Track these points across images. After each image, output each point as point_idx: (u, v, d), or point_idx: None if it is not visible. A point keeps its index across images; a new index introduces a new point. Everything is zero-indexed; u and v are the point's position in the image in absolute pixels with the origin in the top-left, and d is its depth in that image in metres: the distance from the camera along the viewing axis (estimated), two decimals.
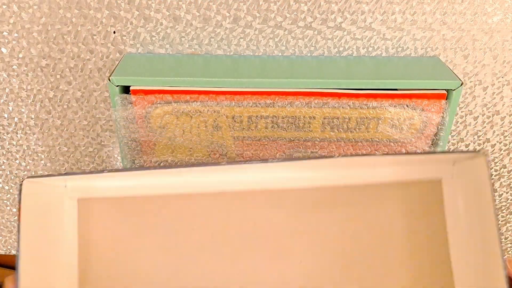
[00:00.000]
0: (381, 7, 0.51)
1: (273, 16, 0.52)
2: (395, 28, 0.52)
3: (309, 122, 0.50)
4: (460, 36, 0.53)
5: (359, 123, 0.50)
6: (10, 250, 0.77)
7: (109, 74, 0.51)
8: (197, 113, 0.49)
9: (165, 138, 0.51)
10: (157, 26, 0.52)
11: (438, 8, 0.51)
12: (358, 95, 0.48)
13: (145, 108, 0.49)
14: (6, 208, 0.71)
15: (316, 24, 0.52)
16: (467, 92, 0.57)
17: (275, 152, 0.52)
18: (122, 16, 0.52)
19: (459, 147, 0.62)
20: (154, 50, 0.54)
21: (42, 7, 0.51)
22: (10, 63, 0.55)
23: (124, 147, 0.51)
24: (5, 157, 0.64)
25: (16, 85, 0.57)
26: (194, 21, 0.52)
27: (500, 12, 0.51)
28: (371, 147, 0.52)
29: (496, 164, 0.64)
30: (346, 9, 0.51)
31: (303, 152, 0.52)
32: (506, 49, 0.54)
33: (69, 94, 0.58)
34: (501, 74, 0.56)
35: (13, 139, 0.63)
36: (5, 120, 0.61)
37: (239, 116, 0.49)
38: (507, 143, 0.62)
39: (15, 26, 0.52)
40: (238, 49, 0.54)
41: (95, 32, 0.53)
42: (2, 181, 0.67)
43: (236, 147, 0.52)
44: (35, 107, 0.59)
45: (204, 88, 0.48)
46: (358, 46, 0.54)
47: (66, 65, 0.55)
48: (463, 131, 0.61)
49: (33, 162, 0.65)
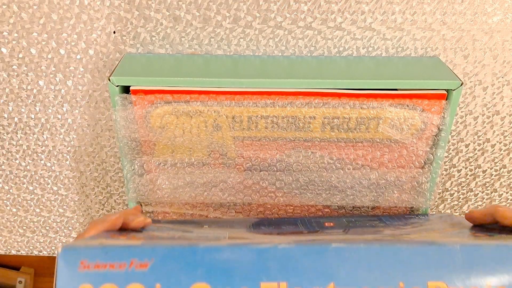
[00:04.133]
0: (381, 7, 0.51)
1: (273, 16, 0.51)
2: (395, 28, 0.52)
3: (309, 122, 0.50)
4: (460, 36, 0.53)
5: (359, 123, 0.50)
6: (10, 250, 0.77)
7: (109, 74, 0.51)
8: (197, 113, 0.49)
9: (165, 138, 0.51)
10: (157, 26, 0.52)
11: (438, 8, 0.51)
12: (358, 95, 0.48)
13: (145, 108, 0.49)
14: (6, 208, 0.71)
15: (316, 24, 0.52)
16: (467, 92, 0.57)
17: (275, 152, 0.52)
18: (122, 16, 0.52)
19: (459, 147, 0.62)
20: (154, 50, 0.54)
21: (42, 7, 0.51)
22: (10, 63, 0.55)
23: (124, 147, 0.51)
24: (5, 157, 0.64)
25: (16, 85, 0.57)
26: (194, 21, 0.52)
27: (500, 12, 0.51)
28: (372, 147, 0.51)
29: (496, 164, 0.64)
30: (346, 9, 0.51)
31: (303, 152, 0.52)
32: (506, 49, 0.54)
33: (69, 94, 0.58)
34: (501, 74, 0.56)
35: (13, 139, 0.63)
36: (5, 120, 0.61)
37: (239, 116, 0.49)
38: (507, 143, 0.62)
39: (15, 26, 0.52)
40: (238, 49, 0.54)
41: (95, 32, 0.53)
42: (2, 181, 0.67)
43: (236, 147, 0.52)
44: (35, 107, 0.59)
45: (204, 88, 0.48)
46: (358, 46, 0.54)
47: (66, 65, 0.55)
48: (463, 131, 0.61)
49: (33, 162, 0.65)
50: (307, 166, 0.53)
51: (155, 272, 0.36)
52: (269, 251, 0.36)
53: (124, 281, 0.35)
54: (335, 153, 0.52)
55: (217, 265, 0.36)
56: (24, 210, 0.71)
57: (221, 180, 0.54)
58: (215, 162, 0.53)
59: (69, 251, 0.36)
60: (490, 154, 0.63)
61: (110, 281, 0.35)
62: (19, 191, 0.69)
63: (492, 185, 0.67)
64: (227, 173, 0.53)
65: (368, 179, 0.53)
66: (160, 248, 0.36)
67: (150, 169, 0.53)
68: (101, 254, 0.36)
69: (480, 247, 0.37)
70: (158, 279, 0.35)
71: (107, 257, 0.35)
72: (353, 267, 0.36)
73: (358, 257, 0.36)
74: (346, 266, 0.36)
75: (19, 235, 0.75)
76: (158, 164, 0.53)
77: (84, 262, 0.35)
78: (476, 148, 0.63)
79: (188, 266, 0.36)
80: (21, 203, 0.70)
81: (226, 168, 0.54)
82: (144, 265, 0.36)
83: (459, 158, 0.64)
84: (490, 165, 0.65)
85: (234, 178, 0.53)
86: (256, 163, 0.53)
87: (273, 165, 0.53)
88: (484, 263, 0.36)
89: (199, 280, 0.35)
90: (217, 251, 0.36)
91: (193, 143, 0.51)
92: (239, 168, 0.53)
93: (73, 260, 0.35)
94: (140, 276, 0.35)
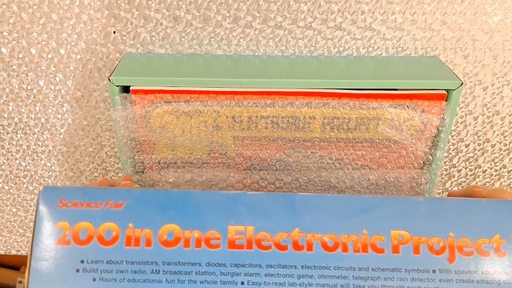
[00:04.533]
0: (381, 7, 0.51)
1: (273, 16, 0.51)
2: (395, 28, 0.52)
3: (309, 122, 0.50)
4: (460, 36, 0.53)
5: (359, 123, 0.50)
6: (10, 250, 0.77)
7: (109, 74, 0.51)
8: (197, 113, 0.49)
9: (165, 137, 0.51)
10: (157, 26, 0.52)
11: (438, 8, 0.51)
12: (358, 95, 0.48)
13: (145, 107, 0.49)
14: (6, 208, 0.71)
15: (316, 24, 0.52)
16: (467, 92, 0.57)
17: (274, 152, 0.52)
18: (122, 16, 0.52)
19: (459, 147, 0.62)
20: (154, 50, 0.54)
21: (42, 7, 0.51)
22: (10, 63, 0.55)
23: (124, 147, 0.51)
24: (5, 157, 0.64)
25: (16, 85, 0.57)
26: (194, 21, 0.52)
27: (500, 12, 0.51)
28: (371, 147, 0.51)
29: (496, 164, 0.64)
30: (346, 9, 0.51)
31: (303, 152, 0.52)
32: (506, 49, 0.54)
33: (69, 94, 0.58)
34: (501, 74, 0.56)
35: (13, 139, 0.63)
36: (5, 120, 0.61)
37: (239, 116, 0.49)
38: (507, 143, 0.62)
39: (15, 26, 0.52)
40: (238, 49, 0.54)
41: (95, 32, 0.53)
42: (2, 181, 0.67)
43: (236, 147, 0.52)
44: (35, 107, 0.59)
45: (204, 88, 0.48)
46: (358, 46, 0.54)
47: (66, 65, 0.55)
48: (463, 131, 0.61)
49: (33, 162, 0.65)
50: (307, 166, 0.53)
51: (129, 212, 0.37)
52: (238, 197, 0.38)
53: (99, 219, 0.37)
54: (335, 153, 0.52)
55: (188, 208, 0.37)
56: (24, 210, 0.71)
57: (220, 179, 0.54)
58: (214, 162, 0.53)
59: (49, 190, 0.38)
60: (490, 154, 0.63)
61: (86, 219, 0.37)
62: (19, 191, 0.69)
63: (492, 185, 0.67)
64: (226, 172, 0.53)
65: (367, 180, 0.53)
66: (135, 191, 0.38)
67: (150, 168, 0.53)
68: (79, 194, 0.37)
69: (443, 201, 0.38)
70: (131, 219, 0.37)
71: (85, 197, 0.37)
72: (318, 215, 0.37)
73: (323, 205, 0.38)
74: (312, 213, 0.37)
75: (19, 235, 0.75)
76: (158, 163, 0.53)
77: (63, 200, 0.37)
78: (476, 148, 0.63)
79: (160, 208, 0.37)
80: (21, 203, 0.70)
81: (225, 167, 0.54)
82: (119, 205, 0.37)
83: (459, 158, 0.64)
84: (490, 165, 0.64)
85: (234, 177, 0.53)
86: (256, 162, 0.53)
87: (272, 165, 0.53)
88: (447, 215, 0.37)
89: (170, 221, 0.37)
90: (189, 195, 0.38)
91: (193, 143, 0.51)
92: (239, 168, 0.53)
93: (53, 198, 0.37)
94: (115, 215, 0.37)
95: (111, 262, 0.36)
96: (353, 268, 0.36)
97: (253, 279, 0.36)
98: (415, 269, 0.36)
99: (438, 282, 0.36)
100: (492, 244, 0.37)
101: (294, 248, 0.36)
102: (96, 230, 0.36)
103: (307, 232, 0.37)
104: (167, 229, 0.37)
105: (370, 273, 0.36)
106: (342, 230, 0.37)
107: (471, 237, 0.37)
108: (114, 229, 0.36)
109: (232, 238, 0.37)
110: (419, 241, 0.37)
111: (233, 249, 0.36)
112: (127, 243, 0.36)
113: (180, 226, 0.37)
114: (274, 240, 0.37)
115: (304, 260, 0.36)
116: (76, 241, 0.36)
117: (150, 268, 0.36)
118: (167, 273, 0.36)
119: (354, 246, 0.37)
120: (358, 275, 0.36)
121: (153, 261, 0.36)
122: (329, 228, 0.37)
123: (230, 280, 0.36)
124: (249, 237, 0.37)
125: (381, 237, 0.37)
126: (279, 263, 0.36)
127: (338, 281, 0.36)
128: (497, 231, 0.37)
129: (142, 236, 0.37)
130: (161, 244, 0.36)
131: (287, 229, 0.37)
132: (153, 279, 0.36)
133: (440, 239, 0.37)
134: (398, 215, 0.38)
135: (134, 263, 0.36)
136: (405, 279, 0.36)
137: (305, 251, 0.36)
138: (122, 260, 0.36)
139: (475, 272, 0.36)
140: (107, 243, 0.36)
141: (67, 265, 0.36)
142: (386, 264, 0.36)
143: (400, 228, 0.37)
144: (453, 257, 0.37)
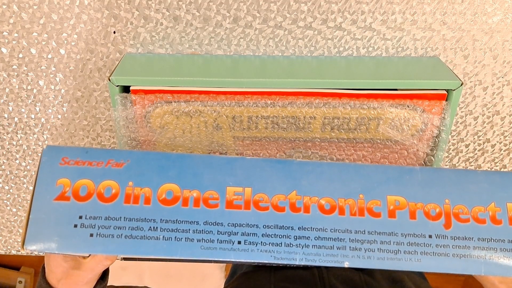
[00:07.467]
0: (381, 7, 0.51)
1: (273, 16, 0.51)
2: (395, 28, 0.52)
3: (309, 122, 0.50)
4: (460, 36, 0.53)
5: (359, 123, 0.50)
6: (10, 250, 0.77)
7: (109, 74, 0.51)
8: (197, 113, 0.49)
9: (165, 137, 0.51)
10: (157, 26, 0.52)
11: (438, 8, 0.51)
12: (358, 95, 0.48)
13: (145, 108, 0.49)
14: (6, 208, 0.71)
15: (316, 24, 0.52)
16: (467, 92, 0.57)
17: (275, 152, 0.52)
18: (122, 16, 0.52)
19: (459, 147, 0.62)
20: (154, 50, 0.54)
21: (42, 7, 0.51)
22: (10, 63, 0.55)
23: (124, 147, 0.51)
24: (5, 157, 0.64)
25: (16, 85, 0.57)
26: (194, 21, 0.52)
27: (500, 12, 0.51)
28: (372, 147, 0.51)
29: (496, 164, 0.64)
30: (346, 9, 0.51)
31: (303, 152, 0.52)
32: (506, 49, 0.54)
33: (69, 94, 0.58)
34: (501, 74, 0.56)
35: (13, 139, 0.63)
36: (5, 120, 0.61)
37: (239, 116, 0.49)
38: (507, 143, 0.62)
39: (15, 26, 0.52)
40: (238, 49, 0.54)
41: (95, 32, 0.53)
42: (2, 181, 0.67)
43: (236, 147, 0.52)
44: (35, 107, 0.59)
45: (204, 88, 0.48)
46: (358, 46, 0.54)
47: (66, 65, 0.55)
48: (463, 131, 0.61)
49: (33, 162, 0.65)
50: None
51: (129, 171, 0.38)
52: (237, 160, 0.39)
53: (100, 177, 0.37)
54: (335, 153, 0.52)
55: (188, 169, 0.38)
56: (24, 210, 0.71)
57: None
58: None
59: (52, 148, 0.39)
60: (490, 154, 0.63)
61: (86, 177, 0.38)
62: (19, 191, 0.69)
63: None
64: None
65: None
66: (136, 152, 0.39)
67: None
68: (82, 153, 0.38)
69: (439, 170, 0.39)
70: (131, 178, 0.38)
71: (87, 156, 0.38)
72: (315, 179, 0.38)
73: (320, 171, 0.39)
74: (309, 177, 0.38)
75: (19, 235, 0.75)
76: None
77: (65, 158, 0.38)
78: (476, 148, 0.63)
79: (161, 168, 0.38)
80: (21, 203, 0.70)
81: None
82: (120, 164, 0.38)
83: (459, 158, 0.64)
84: (490, 165, 0.64)
85: None
86: None
87: None
88: (443, 183, 0.38)
89: (169, 181, 0.38)
90: (189, 158, 0.39)
91: (193, 143, 0.51)
92: None
93: (55, 156, 0.38)
94: (115, 174, 0.38)
95: (109, 218, 0.37)
96: (349, 230, 0.37)
97: (250, 238, 0.36)
98: (411, 233, 0.37)
99: (435, 247, 0.36)
100: (488, 212, 0.37)
101: (291, 210, 0.37)
102: (96, 187, 0.37)
103: (304, 195, 0.38)
104: (166, 188, 0.37)
105: (366, 236, 0.37)
106: (338, 194, 0.38)
107: (467, 205, 0.37)
108: (114, 187, 0.37)
109: (230, 199, 0.37)
110: (415, 207, 0.37)
111: (230, 209, 0.37)
112: (126, 200, 0.37)
113: (179, 185, 0.37)
114: (272, 202, 0.37)
115: (301, 222, 0.37)
116: (75, 197, 0.37)
117: (148, 225, 0.37)
118: (164, 231, 0.36)
119: (351, 209, 0.37)
120: (354, 238, 0.37)
121: (151, 219, 0.37)
122: (326, 191, 0.38)
123: (227, 239, 0.36)
124: (246, 198, 0.37)
125: (377, 202, 0.38)
126: (276, 224, 0.37)
127: (335, 243, 0.36)
128: (492, 200, 0.38)
129: (141, 194, 0.37)
130: (159, 202, 0.37)
131: (285, 192, 0.38)
132: (150, 236, 0.36)
133: (436, 206, 0.37)
134: (394, 182, 0.38)
135: (132, 220, 0.37)
136: (402, 243, 0.36)
137: (302, 213, 0.37)
138: (120, 217, 0.37)
139: (471, 239, 0.37)
140: (106, 200, 0.37)
141: (65, 220, 0.36)
142: (383, 228, 0.37)
143: (396, 194, 0.38)
144: (449, 223, 0.37)
